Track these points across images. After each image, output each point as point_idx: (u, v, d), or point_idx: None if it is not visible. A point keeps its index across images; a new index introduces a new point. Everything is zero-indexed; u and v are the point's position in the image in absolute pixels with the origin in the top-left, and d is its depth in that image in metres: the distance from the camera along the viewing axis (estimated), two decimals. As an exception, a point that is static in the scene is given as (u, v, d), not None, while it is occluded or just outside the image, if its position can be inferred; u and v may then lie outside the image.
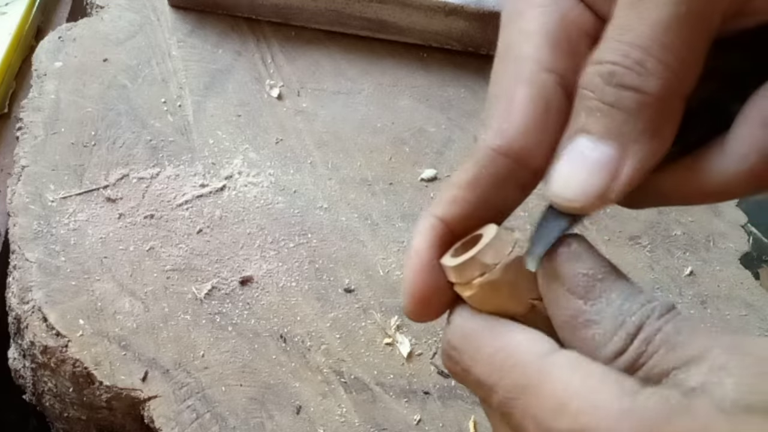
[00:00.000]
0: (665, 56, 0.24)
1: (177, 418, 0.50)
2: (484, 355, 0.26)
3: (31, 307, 0.53)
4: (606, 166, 0.25)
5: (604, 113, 0.25)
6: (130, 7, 0.71)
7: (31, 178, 0.58)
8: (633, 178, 0.25)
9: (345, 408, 0.52)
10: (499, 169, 0.27)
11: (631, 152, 0.25)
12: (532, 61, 0.28)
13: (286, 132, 0.65)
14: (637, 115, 0.25)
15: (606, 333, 0.25)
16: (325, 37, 0.72)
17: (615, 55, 0.25)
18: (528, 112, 0.27)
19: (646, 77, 0.24)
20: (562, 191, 0.26)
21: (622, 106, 0.25)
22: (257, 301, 0.56)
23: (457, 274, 0.27)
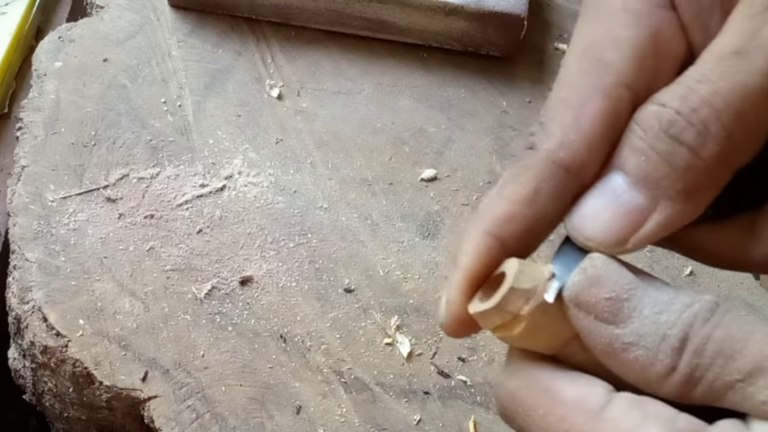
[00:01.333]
0: (734, 125, 0.23)
1: (177, 418, 0.50)
2: (536, 418, 0.24)
3: (31, 307, 0.53)
4: (632, 214, 0.24)
5: (649, 160, 0.24)
6: (130, 7, 0.71)
7: (31, 178, 0.58)
8: (655, 233, 0.24)
9: (345, 408, 0.52)
10: (559, 184, 0.25)
11: (661, 208, 0.24)
12: (614, 72, 0.25)
13: (286, 132, 0.65)
14: (681, 175, 0.23)
15: (649, 352, 0.23)
16: (325, 37, 0.72)
17: (682, 105, 0.23)
18: (598, 127, 0.25)
19: (705, 140, 0.23)
20: (582, 226, 0.25)
21: (670, 159, 0.23)
22: (257, 301, 0.56)
23: (501, 312, 0.25)
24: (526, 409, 0.25)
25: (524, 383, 0.25)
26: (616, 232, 0.24)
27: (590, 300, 0.24)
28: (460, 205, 0.63)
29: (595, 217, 0.24)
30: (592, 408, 0.23)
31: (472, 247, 0.26)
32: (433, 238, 0.61)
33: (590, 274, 0.24)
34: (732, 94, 0.23)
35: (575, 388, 0.24)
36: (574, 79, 0.26)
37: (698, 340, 0.22)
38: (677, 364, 0.22)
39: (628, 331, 0.23)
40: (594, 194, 0.25)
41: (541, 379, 0.25)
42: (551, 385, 0.25)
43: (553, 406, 0.24)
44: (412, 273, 0.59)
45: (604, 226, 0.24)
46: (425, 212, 0.63)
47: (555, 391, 0.24)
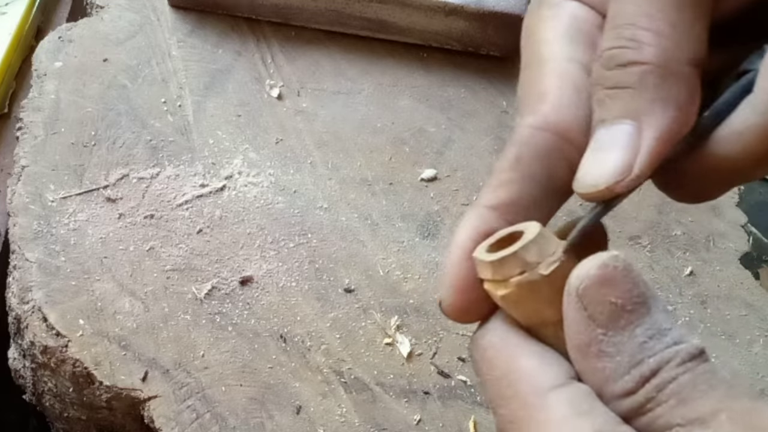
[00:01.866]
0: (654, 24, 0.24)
1: (177, 418, 0.50)
2: (493, 376, 0.25)
3: (31, 307, 0.53)
4: (626, 144, 0.24)
5: (612, 97, 0.25)
6: (130, 7, 0.71)
7: (31, 178, 0.58)
8: (656, 149, 0.24)
9: (345, 408, 0.52)
10: (539, 143, 0.27)
11: (646, 125, 0.24)
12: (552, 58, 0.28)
13: (286, 132, 0.65)
14: (642, 87, 0.24)
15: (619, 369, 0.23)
16: (325, 37, 0.72)
17: (610, 41, 0.25)
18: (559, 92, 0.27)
19: (640, 49, 0.24)
20: (584, 178, 0.25)
21: (625, 83, 0.25)
22: (257, 301, 0.56)
23: (494, 270, 0.25)
24: (489, 367, 0.26)
25: (494, 343, 0.26)
26: (618, 166, 0.24)
27: (595, 297, 0.24)
28: (460, 205, 0.63)
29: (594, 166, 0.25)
30: (542, 385, 0.24)
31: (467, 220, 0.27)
32: (433, 238, 0.61)
33: (609, 273, 0.24)
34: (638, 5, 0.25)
35: (536, 362, 0.25)
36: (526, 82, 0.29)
37: (666, 376, 0.23)
38: (637, 391, 0.23)
39: (612, 340, 0.23)
40: (587, 152, 0.26)
41: (509, 343, 0.25)
42: (516, 351, 0.25)
43: (509, 371, 0.25)
44: (412, 273, 0.59)
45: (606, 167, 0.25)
46: (425, 212, 0.63)
47: (516, 357, 0.25)
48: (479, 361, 0.26)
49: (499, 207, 0.27)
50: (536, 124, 0.27)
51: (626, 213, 0.64)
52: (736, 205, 0.69)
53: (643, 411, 0.23)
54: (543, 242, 0.25)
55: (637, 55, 0.24)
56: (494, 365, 0.25)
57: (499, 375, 0.25)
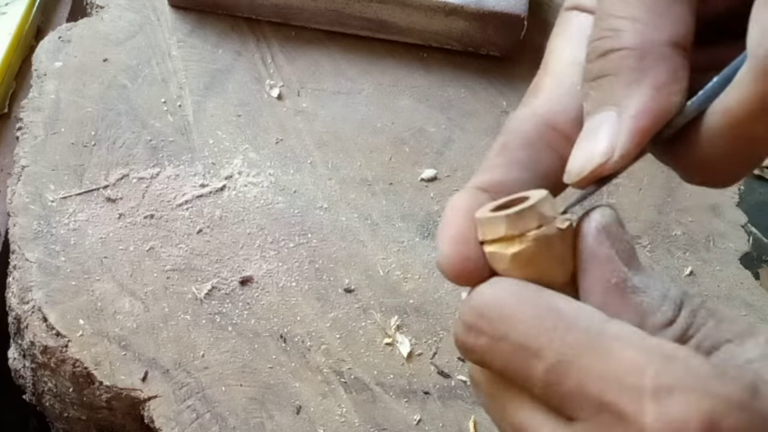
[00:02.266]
0: (629, 11, 0.25)
1: (177, 418, 0.50)
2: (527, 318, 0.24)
3: (31, 307, 0.53)
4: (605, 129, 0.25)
5: (594, 88, 0.26)
6: (130, 7, 0.71)
7: (31, 178, 0.58)
8: (635, 129, 0.25)
9: (345, 408, 0.52)
10: (525, 132, 0.28)
11: (624, 107, 0.25)
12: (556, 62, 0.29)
13: (286, 132, 0.65)
14: (618, 72, 0.25)
15: (654, 302, 0.24)
16: (325, 37, 0.72)
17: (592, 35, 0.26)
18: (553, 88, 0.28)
19: (617, 37, 0.25)
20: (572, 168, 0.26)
21: (605, 71, 0.25)
22: (257, 301, 0.56)
23: (509, 224, 0.25)
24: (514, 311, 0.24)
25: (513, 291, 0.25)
26: (601, 150, 0.25)
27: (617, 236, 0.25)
28: (460, 205, 0.63)
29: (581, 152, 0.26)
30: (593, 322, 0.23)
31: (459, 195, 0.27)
32: (433, 238, 0.61)
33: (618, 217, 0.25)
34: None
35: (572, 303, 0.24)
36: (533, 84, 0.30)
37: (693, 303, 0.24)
38: (676, 319, 0.24)
39: (638, 278, 0.24)
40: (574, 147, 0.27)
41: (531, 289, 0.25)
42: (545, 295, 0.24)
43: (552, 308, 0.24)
44: (412, 273, 0.59)
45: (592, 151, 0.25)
46: (425, 212, 0.63)
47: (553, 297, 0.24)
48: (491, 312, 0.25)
49: (488, 188, 0.27)
50: (526, 114, 0.28)
51: (626, 213, 0.64)
52: (736, 205, 0.69)
53: (687, 337, 0.24)
54: (552, 202, 0.25)
55: (614, 42, 0.25)
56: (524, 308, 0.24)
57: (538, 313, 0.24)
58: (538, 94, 0.28)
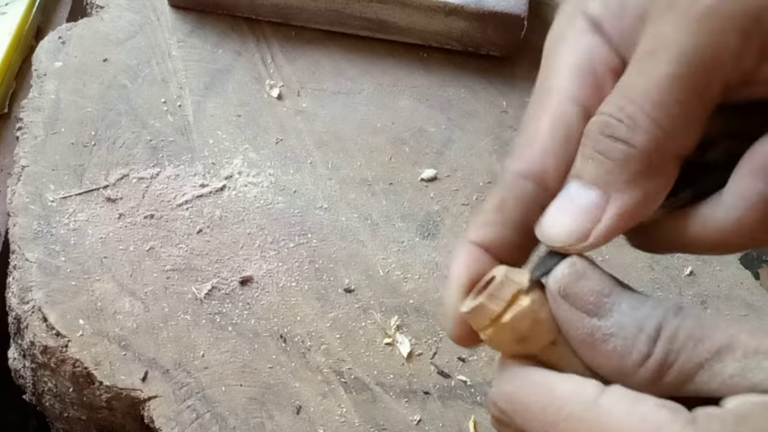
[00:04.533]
0: (656, 114, 0.25)
1: (177, 418, 0.50)
2: (535, 413, 0.26)
3: (31, 307, 0.53)
4: (589, 211, 0.26)
5: (595, 161, 0.26)
6: (130, 7, 0.71)
7: (31, 178, 0.58)
8: (613, 226, 0.26)
9: (345, 408, 0.52)
10: (521, 192, 0.29)
11: (612, 200, 0.26)
12: (558, 93, 0.29)
13: (286, 132, 0.65)
14: (622, 166, 0.26)
15: (627, 341, 0.25)
16: (325, 37, 0.72)
17: (612, 108, 0.26)
18: (548, 139, 0.28)
19: (634, 131, 0.26)
20: (547, 231, 0.27)
21: (610, 156, 0.26)
22: (257, 301, 0.56)
23: (471, 322, 0.28)
24: (525, 407, 0.27)
25: (521, 383, 0.27)
26: (577, 230, 0.27)
27: (577, 291, 0.26)
28: (460, 205, 0.63)
29: (557, 221, 0.27)
30: (587, 398, 0.25)
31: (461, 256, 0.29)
32: (433, 238, 0.61)
33: (578, 268, 0.26)
34: (648, 88, 0.25)
35: (569, 383, 0.26)
36: (531, 109, 0.30)
37: (671, 327, 0.25)
38: (652, 351, 0.25)
39: (608, 323, 0.25)
40: (555, 203, 0.28)
41: (536, 378, 0.27)
42: (546, 381, 0.27)
43: (551, 399, 0.26)
44: (412, 273, 0.59)
45: (565, 227, 0.27)
46: (425, 212, 0.63)
47: (551, 385, 0.26)
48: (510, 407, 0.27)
49: (483, 245, 0.29)
50: (521, 173, 0.29)
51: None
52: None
53: (667, 365, 0.24)
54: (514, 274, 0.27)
55: (628, 134, 0.26)
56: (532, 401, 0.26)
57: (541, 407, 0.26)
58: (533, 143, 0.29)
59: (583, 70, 0.29)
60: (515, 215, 0.29)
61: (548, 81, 0.30)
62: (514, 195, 0.29)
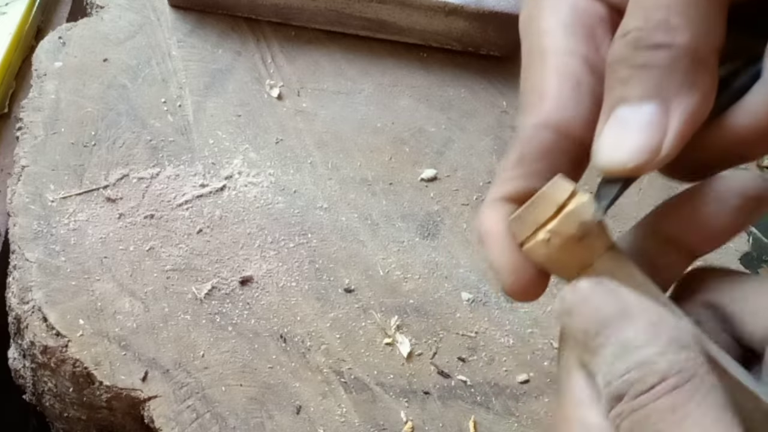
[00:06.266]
0: (687, 10, 0.24)
1: (177, 418, 0.50)
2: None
3: (31, 307, 0.53)
4: (653, 124, 0.25)
5: (639, 77, 0.25)
6: (130, 7, 0.71)
7: (31, 178, 0.58)
8: (683, 132, 0.25)
9: (345, 408, 0.52)
10: (541, 143, 0.28)
11: (674, 106, 0.25)
12: (555, 51, 0.28)
13: (286, 132, 0.65)
14: (672, 69, 0.24)
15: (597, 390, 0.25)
16: (325, 37, 0.72)
17: (639, 21, 0.25)
18: (559, 90, 0.27)
19: (673, 32, 0.24)
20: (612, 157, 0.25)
21: (656, 64, 0.25)
22: (257, 301, 0.56)
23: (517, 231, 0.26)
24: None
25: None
26: (647, 144, 0.25)
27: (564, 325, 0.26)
28: (460, 205, 0.63)
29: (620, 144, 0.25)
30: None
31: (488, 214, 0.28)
32: (433, 238, 0.61)
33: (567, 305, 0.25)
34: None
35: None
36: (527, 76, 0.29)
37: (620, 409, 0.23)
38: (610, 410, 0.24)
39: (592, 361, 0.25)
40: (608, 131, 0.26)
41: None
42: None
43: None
44: (412, 273, 0.59)
45: (632, 146, 0.25)
46: (425, 212, 0.63)
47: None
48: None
49: (510, 199, 0.28)
50: (538, 123, 0.27)
51: (626, 213, 0.64)
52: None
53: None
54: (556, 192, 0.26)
55: (669, 37, 0.24)
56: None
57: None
58: (545, 96, 0.28)
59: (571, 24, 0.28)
60: (538, 165, 0.28)
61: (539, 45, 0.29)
62: (533, 146, 0.28)
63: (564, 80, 0.28)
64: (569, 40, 0.28)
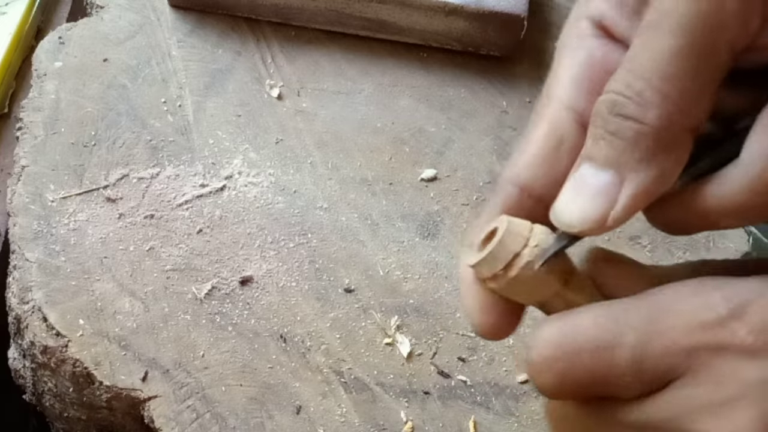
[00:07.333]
0: (665, 87, 0.25)
1: (177, 418, 0.50)
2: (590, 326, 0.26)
3: (31, 307, 0.53)
4: (604, 193, 0.26)
5: (606, 141, 0.26)
6: (130, 7, 0.71)
7: (31, 178, 0.58)
8: (630, 206, 0.26)
9: (345, 408, 0.52)
10: (509, 198, 0.29)
11: (628, 180, 0.26)
12: (556, 101, 0.29)
13: (286, 132, 0.65)
14: (634, 145, 0.25)
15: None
16: (325, 37, 0.72)
17: (619, 85, 0.26)
18: (539, 146, 0.29)
19: (644, 108, 0.25)
20: (562, 215, 0.27)
21: (621, 135, 0.25)
22: (257, 301, 0.56)
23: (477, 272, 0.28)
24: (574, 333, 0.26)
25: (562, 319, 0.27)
26: (593, 213, 0.26)
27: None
28: (460, 205, 0.63)
29: (572, 205, 0.27)
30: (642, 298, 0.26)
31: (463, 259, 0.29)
32: (433, 238, 0.61)
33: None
34: (654, 61, 0.25)
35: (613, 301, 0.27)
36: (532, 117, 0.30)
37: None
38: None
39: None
40: (568, 186, 0.27)
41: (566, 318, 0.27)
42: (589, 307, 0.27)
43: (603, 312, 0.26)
44: (412, 273, 0.59)
45: (581, 212, 0.26)
46: (425, 212, 0.63)
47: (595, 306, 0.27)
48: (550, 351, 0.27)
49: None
50: (510, 180, 0.29)
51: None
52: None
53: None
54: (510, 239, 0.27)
55: (639, 112, 0.25)
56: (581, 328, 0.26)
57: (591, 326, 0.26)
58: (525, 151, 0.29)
59: (580, 76, 0.29)
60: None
61: (550, 89, 0.30)
62: (503, 201, 0.29)
63: (549, 136, 0.29)
64: (572, 91, 0.29)
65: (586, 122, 0.28)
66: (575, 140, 0.28)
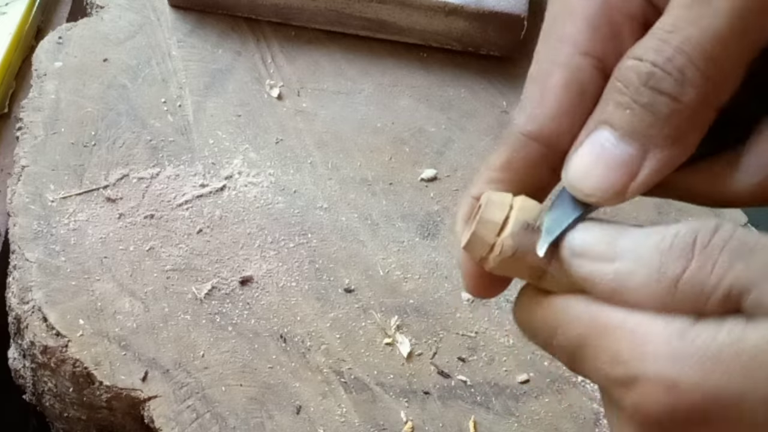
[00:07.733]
0: (708, 68, 0.24)
1: (177, 418, 0.50)
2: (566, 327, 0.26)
3: (31, 307, 0.53)
4: (626, 165, 0.25)
5: (633, 112, 0.25)
6: (130, 7, 0.71)
7: (31, 178, 0.58)
8: (650, 180, 0.25)
9: (345, 408, 0.52)
10: (530, 154, 0.28)
11: (651, 155, 0.25)
12: (570, 44, 0.27)
13: (286, 132, 0.65)
14: (666, 121, 0.24)
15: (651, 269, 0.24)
16: (325, 37, 0.72)
17: (657, 56, 0.24)
18: (561, 97, 0.27)
19: (684, 86, 0.24)
20: (580, 182, 0.26)
21: (653, 109, 0.24)
22: (257, 301, 0.56)
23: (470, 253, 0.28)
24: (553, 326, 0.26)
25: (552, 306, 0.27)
26: (613, 184, 0.25)
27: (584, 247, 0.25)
28: (460, 205, 0.63)
29: (590, 172, 0.26)
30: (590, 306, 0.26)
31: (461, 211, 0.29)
32: (433, 238, 0.61)
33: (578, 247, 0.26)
34: (702, 39, 0.23)
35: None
36: (539, 57, 0.28)
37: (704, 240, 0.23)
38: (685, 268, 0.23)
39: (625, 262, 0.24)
40: (585, 150, 0.26)
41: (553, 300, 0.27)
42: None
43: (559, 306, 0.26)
44: (412, 273, 0.59)
45: (601, 181, 0.25)
46: (425, 212, 0.63)
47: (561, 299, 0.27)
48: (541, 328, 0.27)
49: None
50: (531, 134, 0.27)
51: (626, 213, 0.64)
52: (736, 205, 0.68)
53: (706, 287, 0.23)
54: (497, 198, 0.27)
55: (678, 90, 0.24)
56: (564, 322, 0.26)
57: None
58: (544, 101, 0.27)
59: (597, 17, 0.27)
60: (522, 176, 0.28)
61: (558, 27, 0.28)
62: (522, 156, 0.28)
63: (570, 86, 0.27)
64: (589, 35, 0.27)
65: (605, 69, 0.26)
66: (596, 90, 0.27)
